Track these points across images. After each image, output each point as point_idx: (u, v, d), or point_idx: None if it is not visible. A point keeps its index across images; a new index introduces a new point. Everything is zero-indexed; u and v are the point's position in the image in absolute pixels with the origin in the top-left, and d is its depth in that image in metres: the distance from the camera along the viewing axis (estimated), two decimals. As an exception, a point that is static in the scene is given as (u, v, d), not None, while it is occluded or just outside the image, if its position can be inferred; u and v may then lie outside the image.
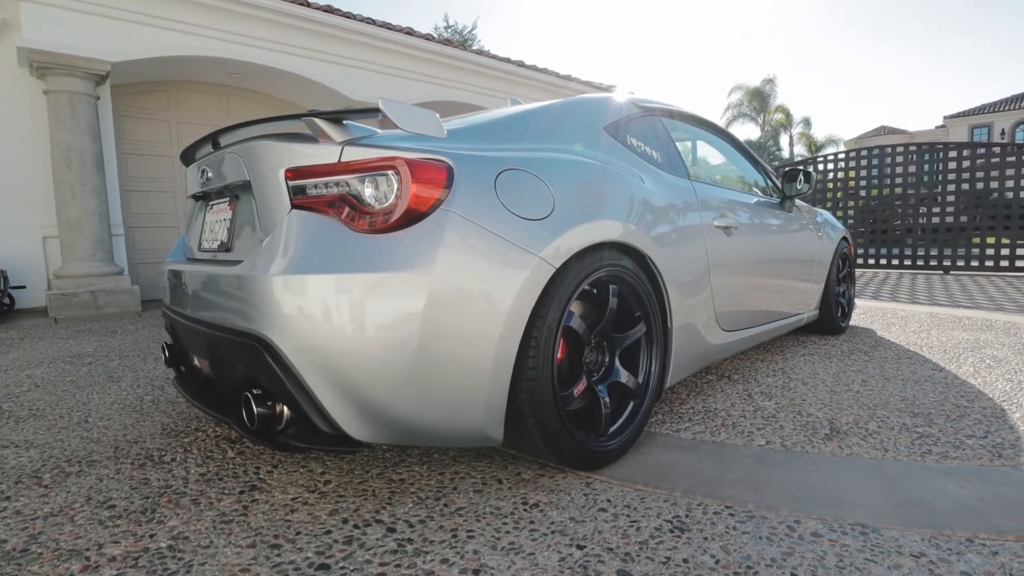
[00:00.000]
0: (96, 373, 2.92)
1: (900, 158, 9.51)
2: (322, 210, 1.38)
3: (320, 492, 1.51)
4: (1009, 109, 28.05)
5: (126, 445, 1.88)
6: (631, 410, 1.76)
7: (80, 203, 5.26)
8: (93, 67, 5.23)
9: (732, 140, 2.98)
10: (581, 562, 1.18)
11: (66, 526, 1.35)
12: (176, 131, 6.73)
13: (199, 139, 1.86)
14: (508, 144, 1.65)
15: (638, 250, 1.76)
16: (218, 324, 1.51)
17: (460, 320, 1.34)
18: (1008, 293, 6.07)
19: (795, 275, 3.04)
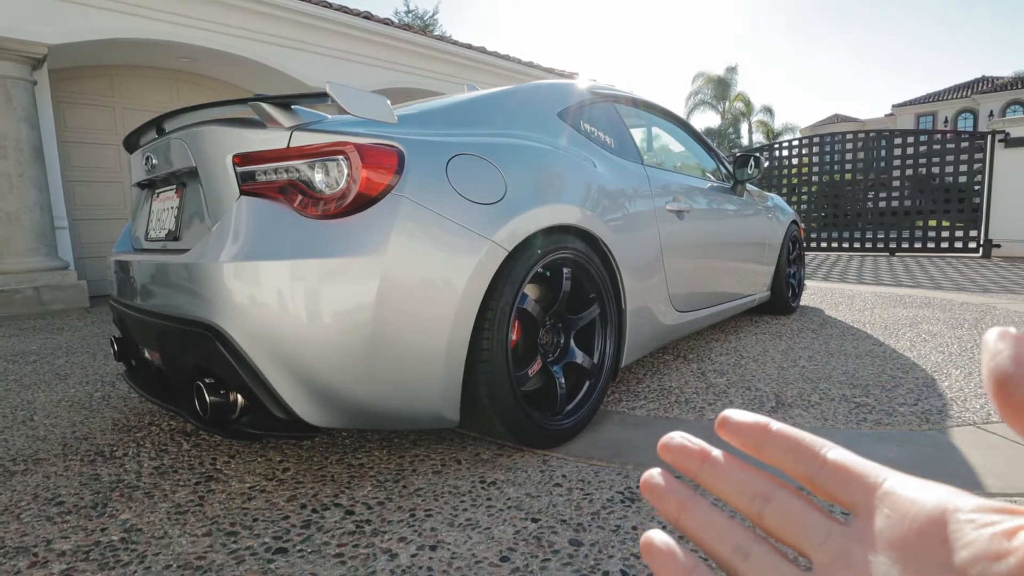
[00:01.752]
0: (42, 371, 2.82)
1: (850, 145, 9.86)
2: (272, 196, 1.36)
3: (278, 479, 1.51)
4: (952, 98, 29.29)
5: (75, 442, 1.83)
6: (586, 389, 1.81)
7: (19, 195, 5.02)
8: (29, 50, 4.96)
9: (686, 126, 3.05)
10: (535, 534, 1.22)
11: (12, 524, 1.32)
12: (121, 118, 6.46)
13: (143, 124, 1.81)
14: (460, 129, 1.65)
15: (591, 233, 1.80)
16: (168, 314, 1.48)
17: (414, 304, 1.36)
18: (947, 273, 6.39)
19: (747, 257, 3.14)
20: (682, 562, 0.23)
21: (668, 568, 0.23)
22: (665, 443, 0.25)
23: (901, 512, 0.19)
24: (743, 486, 0.23)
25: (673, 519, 0.24)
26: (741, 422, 0.24)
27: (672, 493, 0.24)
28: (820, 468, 0.21)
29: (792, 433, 0.23)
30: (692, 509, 0.24)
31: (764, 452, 0.23)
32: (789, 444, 0.22)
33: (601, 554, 1.15)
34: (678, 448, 0.25)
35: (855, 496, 0.20)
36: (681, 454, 0.25)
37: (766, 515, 0.22)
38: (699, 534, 0.23)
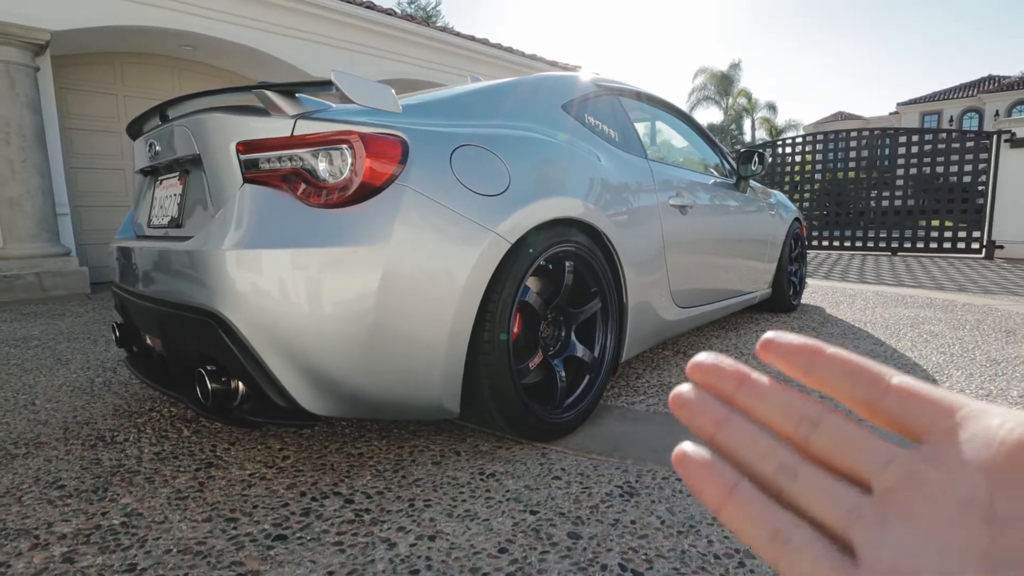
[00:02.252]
0: (43, 356, 2.83)
1: (854, 143, 9.83)
2: (275, 184, 1.36)
3: (278, 467, 1.52)
4: (958, 97, 29.16)
5: (76, 427, 1.84)
6: (587, 383, 1.81)
7: (21, 180, 5.01)
8: (31, 36, 4.94)
9: (690, 121, 3.04)
10: (534, 526, 1.23)
11: (13, 506, 1.33)
12: (124, 105, 6.44)
13: (146, 111, 1.81)
14: (464, 120, 1.65)
15: (594, 227, 1.80)
16: (170, 301, 1.48)
17: (416, 294, 1.36)
18: (949, 273, 6.39)
19: (749, 254, 3.13)
20: (723, 476, 0.21)
21: (707, 482, 0.21)
22: (697, 362, 0.23)
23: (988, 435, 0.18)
24: (788, 408, 0.21)
25: (708, 436, 0.22)
26: (789, 343, 0.22)
27: (708, 409, 0.22)
28: (884, 393, 0.20)
29: (850, 356, 0.21)
30: (731, 426, 0.22)
31: (815, 375, 0.21)
32: (846, 367, 0.21)
33: (600, 547, 1.15)
34: (711, 368, 0.23)
35: (927, 421, 0.19)
36: (714, 374, 0.23)
37: (814, 439, 0.20)
38: (739, 452, 0.21)
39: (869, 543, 0.18)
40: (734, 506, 0.20)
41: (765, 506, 0.20)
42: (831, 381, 0.21)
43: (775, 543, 0.19)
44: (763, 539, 0.19)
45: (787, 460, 0.20)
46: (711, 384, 0.23)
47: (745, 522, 0.20)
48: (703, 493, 0.21)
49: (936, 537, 0.17)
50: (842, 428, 0.20)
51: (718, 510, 0.20)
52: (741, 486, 0.20)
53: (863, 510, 0.19)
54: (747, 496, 0.20)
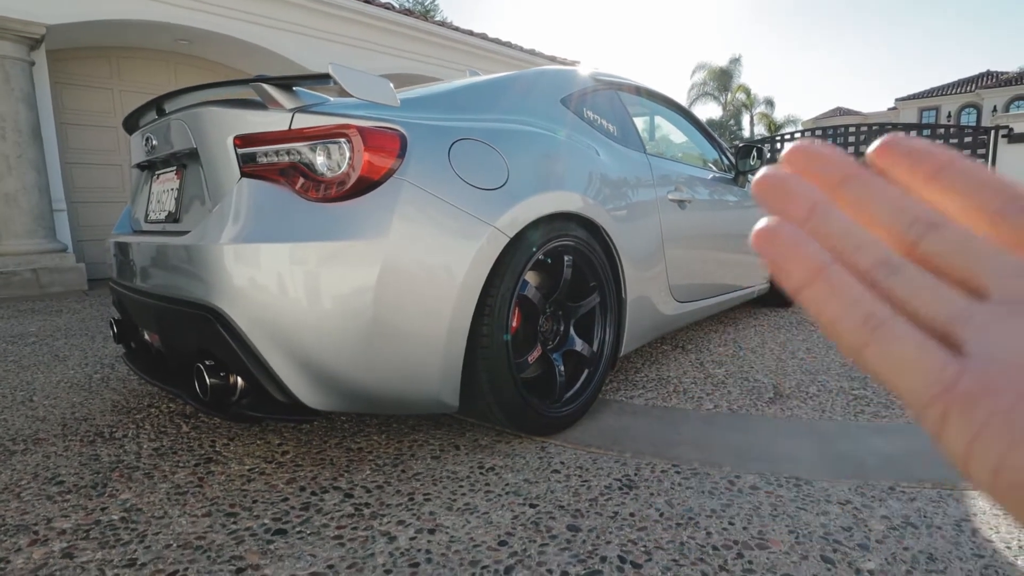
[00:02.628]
0: (40, 352, 2.82)
1: (852, 138, 9.84)
2: (273, 178, 1.36)
3: (277, 462, 1.52)
4: (956, 93, 29.17)
5: (74, 423, 1.84)
6: (585, 377, 1.81)
7: (17, 176, 4.99)
8: (26, 30, 4.91)
9: (689, 116, 3.04)
10: (533, 519, 1.23)
11: (12, 502, 1.33)
12: (120, 100, 6.41)
13: (142, 105, 1.80)
14: (463, 114, 1.64)
15: (592, 221, 1.80)
16: (168, 296, 1.48)
17: (414, 289, 1.36)
18: (946, 267, 6.40)
19: (747, 249, 3.12)
20: (815, 254, 0.18)
21: (795, 258, 0.18)
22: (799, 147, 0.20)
23: None
24: (901, 207, 0.18)
25: (800, 220, 0.19)
26: (918, 145, 0.19)
27: (803, 192, 0.19)
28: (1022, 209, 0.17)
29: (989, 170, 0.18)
30: (828, 213, 0.19)
31: (942, 182, 0.18)
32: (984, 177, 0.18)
33: (599, 540, 1.15)
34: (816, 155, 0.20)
35: None
36: (818, 160, 0.20)
37: (927, 242, 0.18)
38: (833, 240, 0.18)
39: (981, 338, 0.16)
40: (823, 284, 0.18)
41: (859, 291, 0.17)
42: (961, 188, 0.18)
43: (866, 327, 0.17)
44: (853, 322, 0.17)
45: (888, 256, 0.18)
46: (811, 172, 0.20)
47: (833, 302, 0.17)
48: (788, 270, 0.18)
49: None
50: (963, 234, 0.17)
51: (802, 288, 0.18)
52: (833, 267, 0.18)
53: (975, 310, 0.16)
54: (839, 279, 0.18)
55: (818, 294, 0.18)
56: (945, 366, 0.16)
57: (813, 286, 0.18)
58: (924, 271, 0.18)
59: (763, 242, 0.19)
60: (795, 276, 0.18)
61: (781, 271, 0.19)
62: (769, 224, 0.19)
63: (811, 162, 0.20)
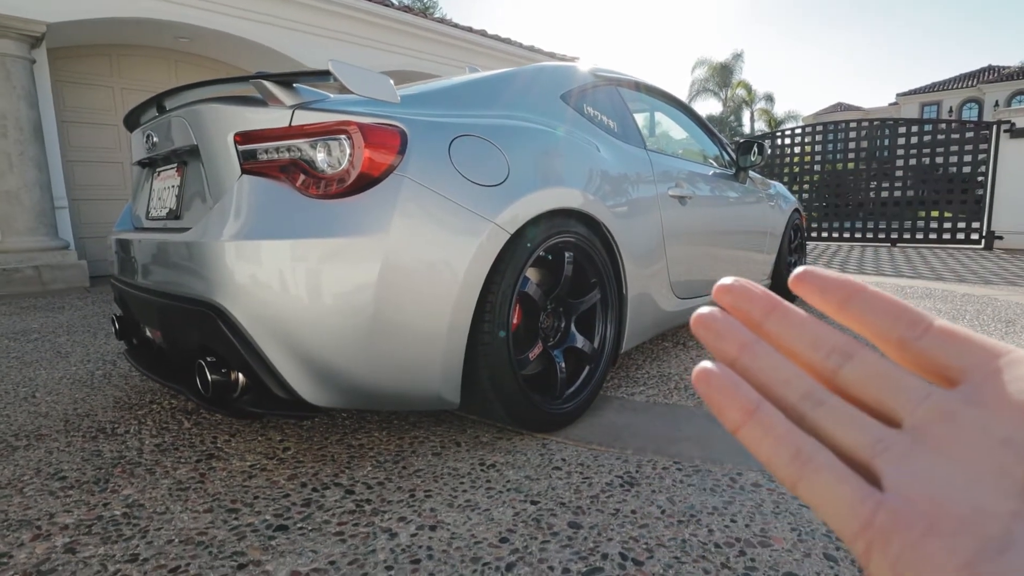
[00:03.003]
0: (43, 349, 2.83)
1: (853, 134, 9.80)
2: (273, 175, 1.36)
3: (279, 458, 1.52)
4: (958, 88, 29.07)
5: (76, 419, 1.84)
6: (587, 374, 1.81)
7: (19, 174, 4.99)
8: (27, 28, 4.91)
9: (689, 112, 3.03)
10: (535, 516, 1.23)
11: (15, 498, 1.33)
12: (121, 98, 6.40)
13: (143, 102, 1.79)
14: (463, 110, 1.64)
15: (593, 218, 1.79)
16: (169, 293, 1.48)
17: (415, 285, 1.36)
18: (948, 264, 6.39)
19: (748, 245, 3.13)
20: (746, 395, 0.20)
21: (729, 401, 0.20)
22: (726, 285, 0.22)
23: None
24: (818, 339, 0.20)
25: (731, 359, 0.21)
26: (827, 276, 0.21)
27: (732, 332, 0.21)
28: (923, 333, 0.19)
29: (892, 297, 0.20)
30: (755, 351, 0.21)
31: (850, 312, 0.20)
32: (887, 305, 0.20)
33: (600, 537, 1.15)
34: (741, 291, 0.22)
35: (969, 361, 0.18)
36: (744, 298, 0.22)
37: (844, 372, 0.20)
38: (761, 376, 0.20)
39: (897, 472, 0.17)
40: (755, 425, 0.19)
41: (787, 428, 0.19)
42: (867, 318, 0.20)
43: (796, 462, 0.18)
44: (784, 459, 0.19)
45: (812, 389, 0.20)
46: (738, 309, 0.22)
47: (766, 441, 0.19)
48: (724, 411, 0.20)
49: (971, 470, 0.17)
50: (875, 363, 0.19)
51: (738, 429, 0.20)
52: (764, 407, 0.20)
53: (891, 441, 0.18)
54: (769, 416, 0.19)
55: (752, 433, 0.19)
56: (864, 500, 0.17)
57: (747, 426, 0.20)
58: (845, 402, 0.19)
59: (701, 384, 0.21)
60: (730, 417, 0.20)
61: (718, 413, 0.20)
62: (705, 368, 0.21)
63: (737, 299, 0.22)
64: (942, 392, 0.18)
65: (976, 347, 0.19)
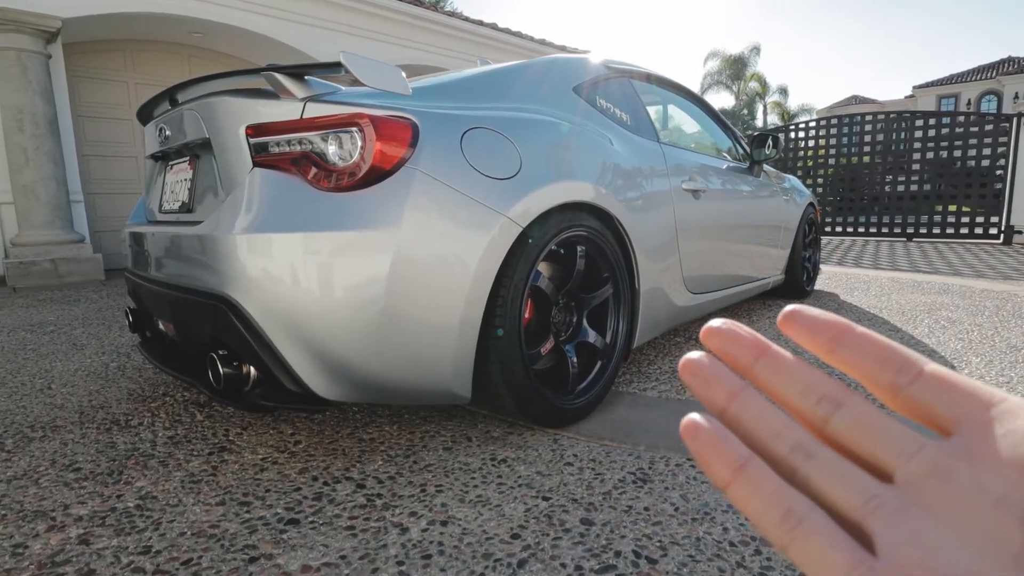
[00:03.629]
0: (59, 341, 2.86)
1: (869, 127, 9.65)
2: (285, 168, 1.35)
3: (290, 452, 1.52)
4: (976, 80, 28.54)
5: (91, 411, 1.86)
6: (598, 369, 1.80)
7: (35, 168, 5.05)
8: (43, 23, 4.95)
9: (703, 104, 2.99)
10: (546, 512, 1.22)
11: (30, 488, 1.34)
12: (135, 93, 6.45)
13: (156, 95, 1.80)
14: (474, 103, 1.62)
15: (606, 211, 1.77)
16: (182, 286, 1.48)
17: (426, 279, 1.35)
18: (966, 259, 6.28)
19: (762, 240, 3.09)
20: (734, 450, 0.19)
21: (717, 455, 0.19)
22: (714, 327, 0.22)
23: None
24: (808, 386, 0.20)
25: (719, 409, 0.21)
26: (816, 317, 0.20)
27: (721, 379, 0.21)
28: (914, 379, 0.18)
29: (882, 338, 0.19)
30: (745, 400, 0.20)
31: (840, 355, 0.20)
32: (877, 348, 0.19)
33: (613, 534, 1.14)
34: (729, 335, 0.21)
35: (960, 412, 0.18)
36: (732, 341, 0.21)
37: (834, 421, 0.19)
38: (752, 428, 0.20)
39: (889, 534, 0.17)
40: (744, 482, 0.19)
41: (777, 485, 0.18)
42: (857, 362, 0.19)
43: (786, 524, 0.18)
44: (774, 519, 0.18)
45: (803, 440, 0.19)
46: (726, 353, 0.21)
47: (755, 500, 0.18)
48: (711, 467, 0.19)
49: (964, 533, 0.16)
50: (866, 412, 0.19)
51: (726, 486, 0.19)
52: (753, 462, 0.19)
53: (883, 499, 0.17)
54: (759, 473, 0.19)
55: (740, 492, 0.19)
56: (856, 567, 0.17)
57: (735, 483, 0.19)
58: (837, 454, 0.19)
59: (688, 437, 0.20)
60: (718, 473, 0.19)
61: (706, 468, 0.20)
62: (693, 420, 0.20)
63: (726, 343, 0.21)
64: (935, 444, 0.18)
65: (968, 396, 0.18)
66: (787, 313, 0.21)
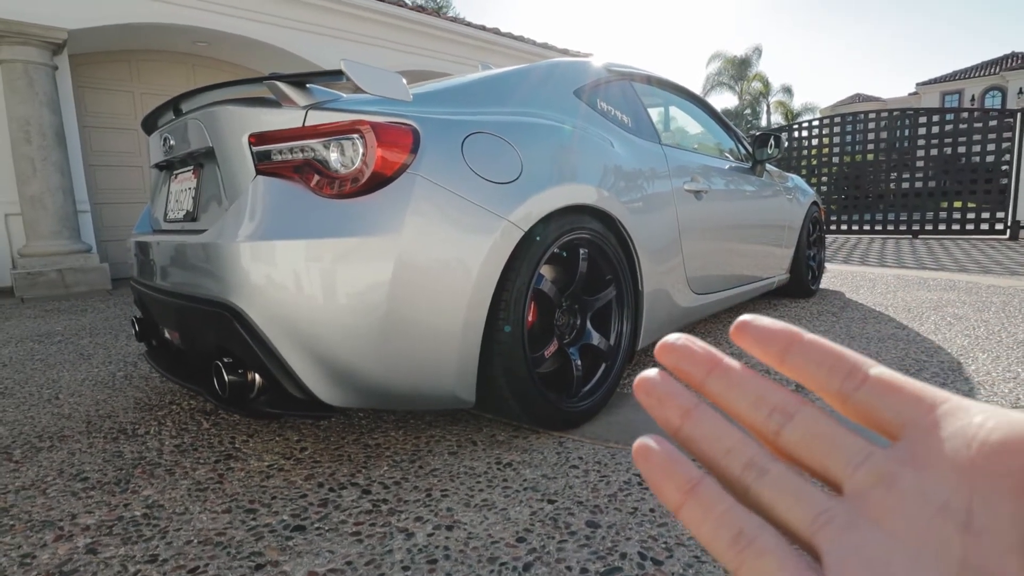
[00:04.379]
0: (66, 351, 2.88)
1: (873, 124, 9.62)
2: (287, 176, 1.36)
3: (296, 459, 1.53)
4: (980, 76, 28.40)
5: (98, 420, 1.87)
6: (603, 372, 1.79)
7: (42, 179, 5.09)
8: (49, 35, 5.00)
9: (704, 105, 2.99)
10: (552, 515, 1.22)
11: (38, 498, 1.35)
12: (140, 103, 6.50)
13: (160, 105, 1.81)
14: (475, 108, 1.63)
15: (608, 214, 1.78)
16: (187, 294, 1.49)
17: (429, 284, 1.35)
18: (972, 255, 6.24)
19: (766, 239, 3.08)
20: (685, 471, 0.19)
21: (669, 478, 0.19)
22: (668, 343, 0.22)
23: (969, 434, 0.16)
24: (759, 398, 0.20)
25: (674, 428, 0.21)
26: (766, 327, 0.20)
27: (674, 397, 0.21)
28: (860, 384, 0.18)
29: (829, 344, 0.20)
30: (698, 418, 0.20)
31: (790, 363, 0.20)
32: (824, 355, 0.19)
33: (619, 536, 1.14)
34: (683, 350, 0.21)
35: (906, 415, 0.18)
36: (686, 357, 0.21)
37: (786, 433, 0.19)
38: (704, 446, 0.20)
39: (835, 550, 0.17)
40: (695, 505, 0.19)
41: (728, 506, 0.18)
42: (806, 369, 0.19)
43: (736, 546, 0.18)
44: (724, 541, 0.18)
45: (756, 457, 0.19)
46: (680, 369, 0.21)
47: (705, 522, 0.18)
48: (662, 491, 0.19)
49: (908, 544, 0.16)
50: (816, 422, 0.19)
51: (678, 509, 0.19)
52: (704, 483, 0.19)
53: (832, 513, 0.17)
54: (709, 495, 0.19)
55: (692, 514, 0.19)
56: None
57: (686, 506, 0.19)
58: (790, 469, 0.19)
59: (640, 461, 0.20)
60: (669, 497, 0.19)
61: (657, 492, 0.20)
62: (643, 444, 0.20)
63: (679, 359, 0.21)
64: (881, 452, 0.18)
65: (912, 398, 0.18)
66: (738, 324, 0.21)
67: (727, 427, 0.20)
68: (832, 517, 0.17)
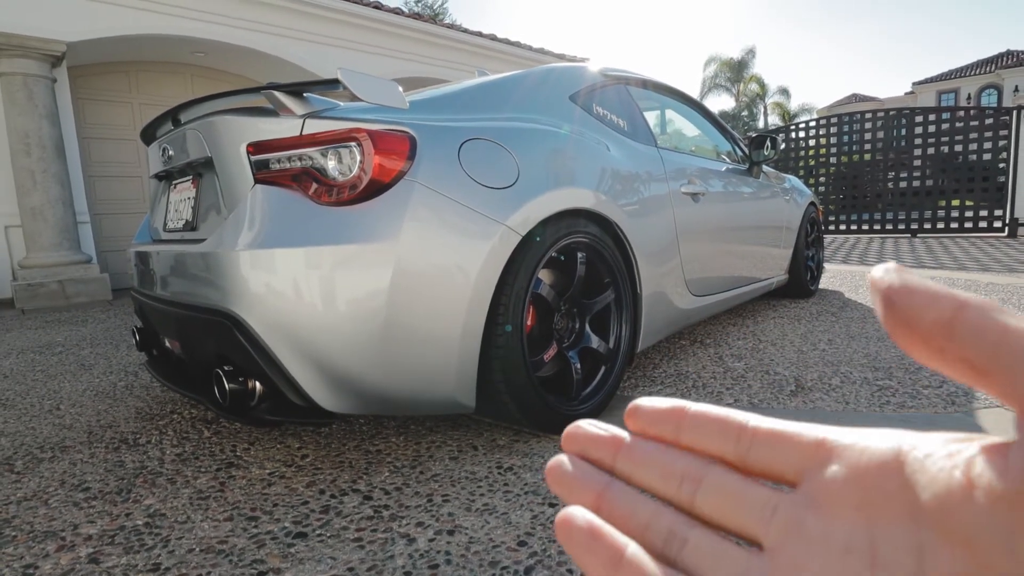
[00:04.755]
0: (67, 362, 2.88)
1: (869, 124, 9.64)
2: (285, 184, 1.37)
3: (297, 466, 1.53)
4: (976, 74, 28.48)
5: (99, 430, 1.87)
6: (603, 374, 1.80)
7: (42, 190, 5.11)
8: (48, 47, 5.03)
9: (700, 108, 3.00)
10: (553, 519, 1.22)
11: (40, 509, 1.35)
12: (139, 113, 6.53)
13: (158, 116, 1.82)
14: (471, 114, 1.64)
15: (605, 217, 1.78)
16: (186, 303, 1.50)
17: (427, 289, 1.36)
18: (970, 253, 6.25)
19: (764, 240, 3.09)
20: (608, 545, 0.19)
21: (593, 553, 0.19)
22: (570, 434, 0.22)
23: (850, 465, 0.16)
24: (667, 468, 0.20)
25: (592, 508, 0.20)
26: (653, 408, 0.21)
27: (586, 480, 0.21)
28: (751, 441, 0.19)
29: (713, 411, 0.20)
30: (613, 497, 0.20)
31: (685, 438, 0.20)
32: (712, 423, 0.20)
33: (619, 537, 1.14)
34: (585, 437, 0.22)
35: (796, 461, 0.18)
36: (591, 444, 0.21)
37: (699, 498, 0.19)
38: (622, 525, 0.20)
39: None
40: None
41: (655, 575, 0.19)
42: (702, 440, 0.20)
43: None
44: None
45: (674, 527, 0.19)
46: (588, 454, 0.21)
47: None
48: (587, 568, 0.19)
49: None
50: (723, 484, 0.19)
51: None
52: (628, 556, 0.19)
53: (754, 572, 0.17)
54: (634, 566, 0.18)
55: None
56: None
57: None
58: (710, 533, 0.19)
59: (562, 537, 0.20)
60: (593, 571, 0.19)
61: (582, 568, 0.19)
62: (565, 517, 0.20)
63: (584, 446, 0.21)
64: (787, 500, 0.18)
65: (796, 442, 0.18)
66: (629, 410, 0.21)
67: (641, 502, 0.20)
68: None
